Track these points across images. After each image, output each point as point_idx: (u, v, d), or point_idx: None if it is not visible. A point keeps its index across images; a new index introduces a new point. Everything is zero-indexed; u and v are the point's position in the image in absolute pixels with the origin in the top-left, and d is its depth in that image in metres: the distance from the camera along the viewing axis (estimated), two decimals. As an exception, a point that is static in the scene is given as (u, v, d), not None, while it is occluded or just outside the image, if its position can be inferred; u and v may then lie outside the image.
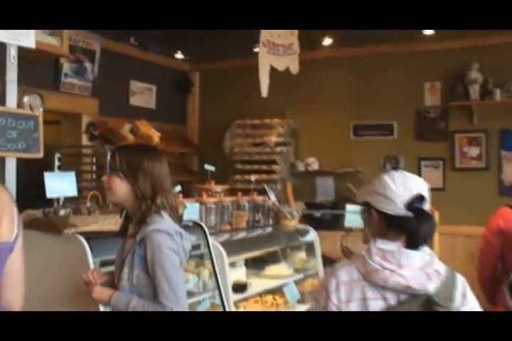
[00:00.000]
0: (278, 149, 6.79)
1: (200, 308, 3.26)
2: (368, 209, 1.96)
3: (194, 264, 3.46)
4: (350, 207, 5.27)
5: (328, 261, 5.68)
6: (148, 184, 2.33)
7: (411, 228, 1.86)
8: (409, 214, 1.87)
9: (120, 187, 2.35)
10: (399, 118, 6.71)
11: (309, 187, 6.94)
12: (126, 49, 6.68)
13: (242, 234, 4.12)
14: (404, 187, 1.91)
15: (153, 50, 6.93)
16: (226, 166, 7.01)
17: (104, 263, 2.92)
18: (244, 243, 4.12)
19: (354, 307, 1.83)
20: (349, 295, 1.85)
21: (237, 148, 6.99)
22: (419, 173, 6.46)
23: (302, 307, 4.42)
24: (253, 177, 4.50)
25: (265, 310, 4.16)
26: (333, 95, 6.95)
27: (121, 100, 6.84)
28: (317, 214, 6.45)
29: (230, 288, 3.40)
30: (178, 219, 2.43)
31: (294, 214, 4.55)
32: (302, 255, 4.69)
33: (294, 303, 4.32)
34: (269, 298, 4.39)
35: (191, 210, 3.50)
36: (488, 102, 6.21)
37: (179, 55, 7.11)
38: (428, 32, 6.25)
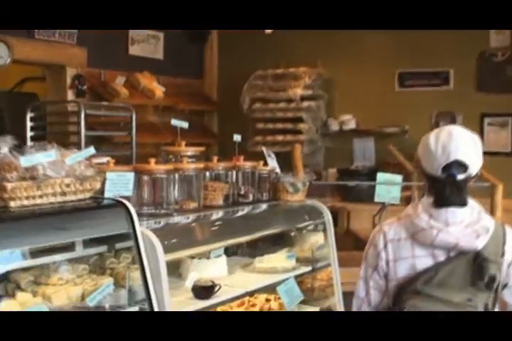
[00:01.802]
0: (305, 104, 5.58)
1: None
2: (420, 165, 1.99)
3: (117, 262, 2.39)
4: (382, 177, 4.06)
5: (361, 243, 4.55)
6: None
7: (437, 190, 1.91)
8: (442, 176, 1.90)
9: None
10: (456, 63, 5.36)
11: (344, 151, 5.74)
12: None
13: (217, 214, 3.00)
14: (443, 150, 1.89)
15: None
16: (248, 126, 5.89)
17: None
18: (219, 226, 3.00)
19: (403, 265, 1.90)
20: (397, 253, 1.90)
21: (258, 103, 5.82)
22: (481, 133, 5.13)
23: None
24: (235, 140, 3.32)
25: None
26: (373, 37, 5.64)
27: (118, 49, 5.77)
28: (351, 183, 5.25)
29: (165, 298, 2.30)
30: None
31: (299, 186, 3.38)
32: (310, 240, 3.53)
33: (292, 307, 3.19)
34: (261, 298, 3.28)
35: (120, 183, 2.40)
36: None
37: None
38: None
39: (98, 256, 2.46)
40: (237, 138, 3.27)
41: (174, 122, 3.15)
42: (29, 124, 4.79)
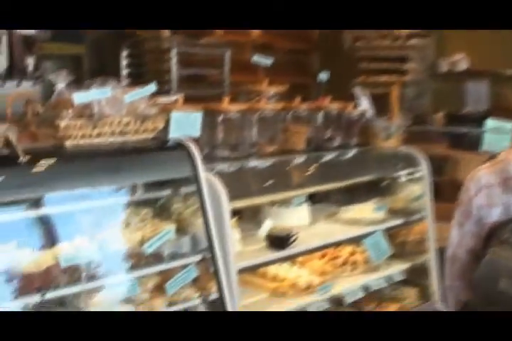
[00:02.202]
0: (412, 42, 5.12)
1: (177, 282, 2.05)
2: None
3: (181, 207, 2.23)
4: (491, 124, 3.62)
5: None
6: None
7: None
8: None
9: None
10: None
11: (454, 94, 5.25)
12: None
13: (298, 160, 2.77)
14: None
15: None
16: (350, 65, 5.52)
17: None
18: (301, 172, 2.78)
19: (494, 211, 1.77)
20: (489, 199, 1.78)
21: (360, 41, 5.42)
22: None
23: (390, 270, 3.04)
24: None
25: (329, 270, 2.85)
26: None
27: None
28: (459, 129, 4.81)
29: (229, 247, 2.13)
30: None
31: (392, 131, 3.07)
32: (405, 191, 3.23)
33: (379, 261, 2.95)
34: (346, 250, 3.06)
35: (186, 123, 2.21)
36: None
37: None
38: None
39: (165, 200, 2.32)
40: (322, 77, 2.98)
41: (256, 59, 2.89)
42: (124, 62, 4.74)
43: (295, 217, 2.87)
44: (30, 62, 4.14)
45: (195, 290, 2.12)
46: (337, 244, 2.83)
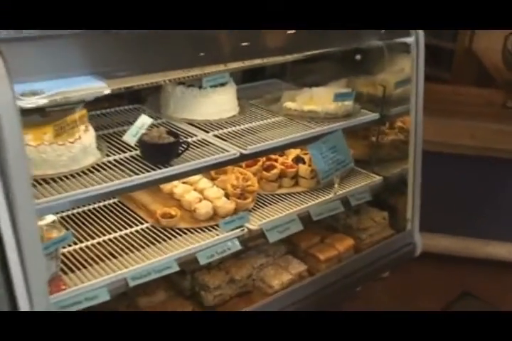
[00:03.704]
0: None
1: None
2: None
3: None
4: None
5: (484, 74, 3.27)
6: None
7: None
8: None
9: None
10: None
11: None
12: None
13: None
14: None
15: None
16: None
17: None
18: (223, 36, 1.73)
19: None
20: None
21: None
22: None
23: (348, 188, 2.10)
24: None
25: (253, 188, 1.91)
26: None
27: None
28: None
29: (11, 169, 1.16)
30: None
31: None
32: (385, 70, 2.18)
33: (329, 176, 1.99)
34: (292, 156, 2.11)
35: None
36: None
37: None
38: None
39: None
40: None
41: None
42: None
43: (209, 106, 1.87)
44: None
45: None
46: (271, 151, 1.85)
